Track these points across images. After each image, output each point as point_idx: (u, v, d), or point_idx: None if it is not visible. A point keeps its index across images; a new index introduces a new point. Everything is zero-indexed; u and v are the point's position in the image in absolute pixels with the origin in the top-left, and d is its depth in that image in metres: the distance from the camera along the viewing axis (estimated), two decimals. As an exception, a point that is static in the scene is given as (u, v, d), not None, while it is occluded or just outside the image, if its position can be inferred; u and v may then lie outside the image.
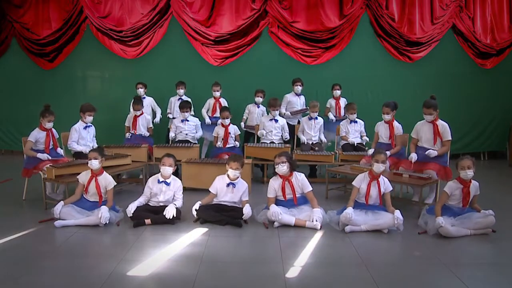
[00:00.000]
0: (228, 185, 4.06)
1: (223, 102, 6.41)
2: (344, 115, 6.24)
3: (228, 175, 4.07)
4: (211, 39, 7.01)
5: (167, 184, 4.07)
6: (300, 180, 4.00)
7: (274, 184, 4.01)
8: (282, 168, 3.93)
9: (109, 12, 7.12)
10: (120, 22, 7.10)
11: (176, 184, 4.13)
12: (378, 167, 3.85)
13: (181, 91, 6.43)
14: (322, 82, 6.80)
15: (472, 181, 3.76)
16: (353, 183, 3.95)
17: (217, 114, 6.25)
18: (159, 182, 4.08)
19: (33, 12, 7.32)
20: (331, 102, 6.49)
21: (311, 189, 4.00)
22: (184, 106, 5.79)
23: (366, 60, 7.13)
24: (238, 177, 4.10)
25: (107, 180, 4.05)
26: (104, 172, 4.10)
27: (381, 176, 3.92)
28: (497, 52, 7.24)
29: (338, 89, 6.39)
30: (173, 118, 6.39)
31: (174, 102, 6.48)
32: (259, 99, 6.25)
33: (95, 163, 3.97)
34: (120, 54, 7.18)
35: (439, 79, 7.18)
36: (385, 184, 3.92)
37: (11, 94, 7.61)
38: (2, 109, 7.69)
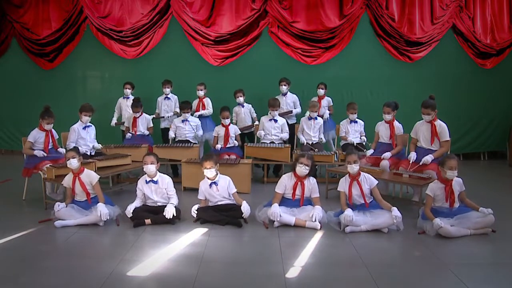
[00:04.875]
0: (210, 185, 4.06)
1: (207, 101, 6.37)
2: (323, 114, 6.22)
3: (206, 177, 4.08)
4: (211, 39, 7.01)
5: (155, 182, 4.07)
6: (312, 184, 4.02)
7: (287, 182, 4.02)
8: (305, 170, 3.94)
9: (109, 12, 7.12)
10: (120, 22, 7.10)
11: (165, 181, 4.10)
12: (351, 168, 3.89)
13: (167, 90, 6.42)
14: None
15: (455, 178, 3.75)
16: (338, 188, 4.00)
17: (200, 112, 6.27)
18: (147, 182, 4.08)
19: (33, 12, 7.32)
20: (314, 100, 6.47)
21: (319, 195, 4.02)
22: (184, 107, 5.79)
23: (366, 60, 7.13)
24: (216, 175, 4.08)
25: (90, 176, 4.04)
26: (85, 169, 4.10)
27: (361, 174, 3.94)
28: (497, 52, 7.23)
29: (322, 88, 6.35)
30: (161, 117, 6.40)
31: (161, 101, 6.48)
32: (240, 99, 6.23)
33: (74, 162, 3.95)
34: (120, 54, 7.18)
35: (439, 79, 7.18)
36: (368, 181, 3.93)
37: (11, 94, 7.60)
38: (2, 109, 7.69)
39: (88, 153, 5.03)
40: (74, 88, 7.50)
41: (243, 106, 6.30)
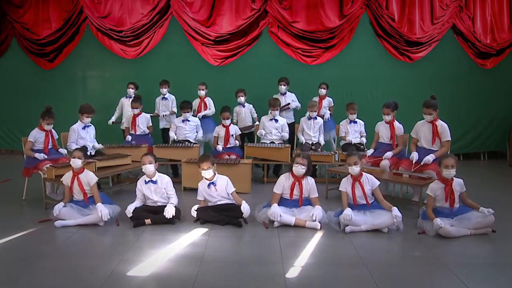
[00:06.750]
0: (208, 186, 4.05)
1: (208, 101, 6.37)
2: (323, 114, 6.21)
3: (204, 177, 4.07)
4: (211, 39, 7.02)
5: (154, 182, 4.06)
6: (310, 184, 4.01)
7: (285, 182, 4.01)
8: (301, 170, 3.93)
9: (109, 12, 7.13)
10: (120, 22, 7.10)
11: (164, 180, 4.10)
12: (352, 170, 3.89)
13: (164, 90, 6.41)
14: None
15: (455, 179, 3.75)
16: (340, 188, 3.99)
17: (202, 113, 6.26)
18: (146, 182, 4.07)
19: (33, 12, 7.32)
20: (315, 100, 6.46)
21: (317, 195, 4.02)
22: (184, 107, 5.78)
23: (366, 60, 7.13)
24: (214, 175, 4.08)
25: (88, 176, 4.04)
26: (85, 169, 4.10)
27: (363, 174, 3.94)
28: (497, 52, 7.23)
29: (323, 88, 6.34)
30: (157, 116, 6.38)
31: (159, 102, 6.47)
32: (241, 99, 6.23)
33: (77, 162, 3.98)
34: (120, 54, 7.19)
35: (439, 79, 7.18)
36: (370, 181, 3.93)
37: (11, 94, 7.61)
38: (2, 109, 7.69)
39: (88, 153, 5.03)
40: (74, 88, 7.51)
41: (244, 106, 6.29)
